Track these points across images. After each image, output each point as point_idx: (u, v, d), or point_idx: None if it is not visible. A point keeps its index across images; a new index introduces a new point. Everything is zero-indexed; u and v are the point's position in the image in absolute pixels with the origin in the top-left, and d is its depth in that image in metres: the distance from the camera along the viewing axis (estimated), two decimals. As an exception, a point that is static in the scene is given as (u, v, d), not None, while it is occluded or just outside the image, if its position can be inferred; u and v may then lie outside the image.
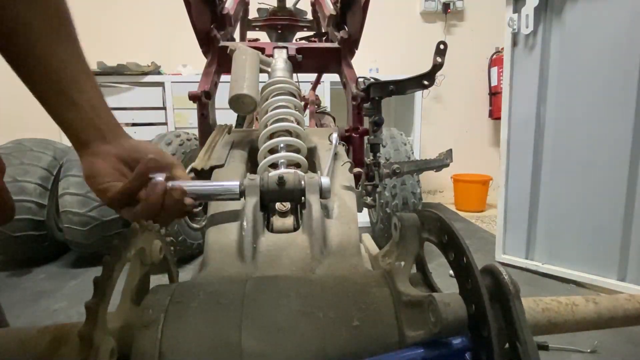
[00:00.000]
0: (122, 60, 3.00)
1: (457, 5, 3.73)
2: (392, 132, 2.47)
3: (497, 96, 3.68)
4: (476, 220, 3.31)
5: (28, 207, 2.11)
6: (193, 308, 0.35)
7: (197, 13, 0.95)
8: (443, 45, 0.83)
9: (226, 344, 0.33)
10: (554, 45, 1.99)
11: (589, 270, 1.97)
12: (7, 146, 2.25)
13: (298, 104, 0.78)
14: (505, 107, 2.16)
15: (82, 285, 2.03)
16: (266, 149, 0.68)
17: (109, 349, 0.30)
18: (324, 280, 0.39)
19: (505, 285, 0.31)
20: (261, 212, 0.52)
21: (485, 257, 2.37)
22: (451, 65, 3.38)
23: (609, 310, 0.38)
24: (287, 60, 0.97)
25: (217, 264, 0.46)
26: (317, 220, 0.50)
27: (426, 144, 3.68)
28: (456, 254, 0.35)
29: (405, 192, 2.22)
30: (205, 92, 0.93)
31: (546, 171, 2.08)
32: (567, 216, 2.01)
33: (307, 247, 0.49)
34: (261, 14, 1.73)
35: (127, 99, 3.09)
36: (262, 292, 0.37)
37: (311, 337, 0.34)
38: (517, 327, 0.30)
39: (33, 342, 0.33)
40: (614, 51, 1.80)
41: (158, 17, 3.54)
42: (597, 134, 1.87)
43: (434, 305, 0.31)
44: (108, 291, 0.30)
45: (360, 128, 0.95)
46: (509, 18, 2.07)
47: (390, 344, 0.34)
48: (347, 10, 1.16)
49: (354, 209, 0.57)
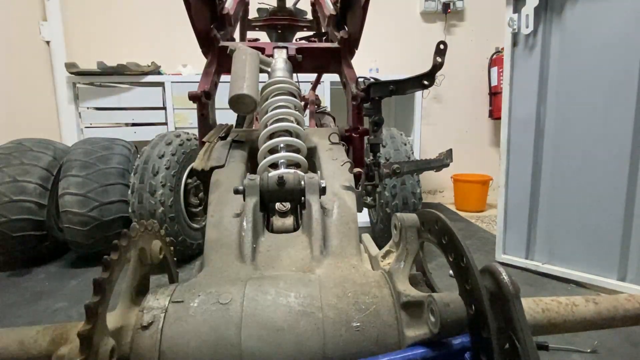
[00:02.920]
0: (122, 60, 3.00)
1: (457, 5, 3.73)
2: (392, 132, 2.46)
3: (497, 96, 3.69)
4: (476, 220, 3.31)
5: (28, 207, 2.11)
6: (193, 308, 0.35)
7: (197, 13, 0.95)
8: (443, 45, 0.83)
9: (226, 344, 0.33)
10: (554, 45, 1.99)
11: (589, 270, 1.97)
12: (7, 146, 2.25)
13: (298, 104, 0.78)
14: (505, 107, 2.16)
15: (82, 285, 2.03)
16: (266, 149, 0.68)
17: (109, 349, 0.30)
18: (323, 280, 0.39)
19: (504, 286, 0.31)
20: (261, 212, 0.52)
21: (485, 257, 2.37)
22: (451, 65, 3.39)
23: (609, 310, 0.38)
24: (287, 60, 0.97)
25: (217, 264, 0.46)
26: (317, 221, 0.50)
27: (426, 144, 3.69)
28: (456, 255, 0.35)
29: (405, 192, 2.22)
30: (205, 92, 0.93)
31: (546, 171, 2.08)
32: (567, 216, 2.01)
33: (307, 247, 0.49)
34: (261, 14, 1.72)
35: (127, 99, 3.09)
36: (262, 292, 0.37)
37: (311, 337, 0.33)
38: (517, 328, 0.30)
39: (33, 342, 0.33)
40: (614, 51, 1.80)
41: (158, 17, 3.54)
42: (597, 133, 1.87)
43: (433, 305, 0.31)
44: (108, 291, 0.30)
45: (360, 128, 0.95)
46: (509, 18, 2.07)
47: (390, 344, 0.34)
48: (347, 10, 1.16)
49: (354, 209, 0.57)
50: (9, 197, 2.07)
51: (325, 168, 0.68)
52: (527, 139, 2.11)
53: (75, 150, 2.22)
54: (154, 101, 3.11)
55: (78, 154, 2.19)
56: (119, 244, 0.33)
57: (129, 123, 3.16)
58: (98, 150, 2.23)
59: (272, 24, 1.56)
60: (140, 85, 3.13)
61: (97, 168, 2.15)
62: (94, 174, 2.13)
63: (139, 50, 3.49)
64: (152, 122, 3.13)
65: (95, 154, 2.20)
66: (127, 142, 2.42)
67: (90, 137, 2.42)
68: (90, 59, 3.03)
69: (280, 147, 0.69)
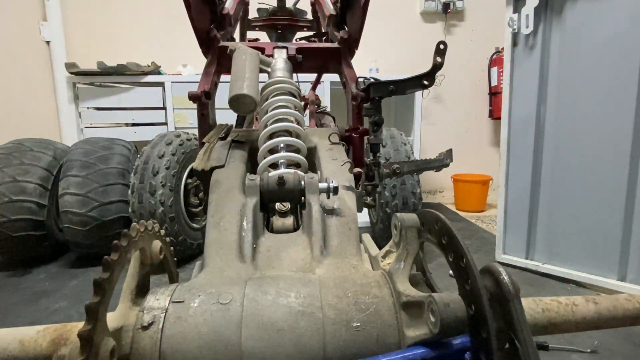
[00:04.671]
0: (122, 60, 3.00)
1: (457, 5, 3.73)
2: (392, 132, 2.47)
3: (497, 96, 3.69)
4: (476, 220, 3.31)
5: (28, 207, 2.10)
6: (193, 308, 0.35)
7: (197, 13, 0.95)
8: (443, 45, 0.83)
9: (226, 344, 0.33)
10: (554, 45, 1.99)
11: (589, 270, 1.97)
12: (7, 146, 2.25)
13: (298, 104, 0.78)
14: (505, 107, 2.16)
15: (82, 285, 2.03)
16: (266, 149, 0.68)
17: (109, 349, 0.30)
18: (324, 280, 0.39)
19: (504, 286, 0.31)
20: (261, 212, 0.52)
21: (485, 257, 2.37)
22: (451, 65, 3.39)
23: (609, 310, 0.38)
24: (287, 60, 0.97)
25: (217, 264, 0.46)
26: (317, 221, 0.50)
27: (426, 144, 3.68)
28: (456, 255, 0.35)
29: (405, 192, 2.22)
30: (205, 92, 0.93)
31: (546, 171, 2.08)
32: (567, 216, 2.01)
33: (307, 247, 0.49)
34: (261, 14, 1.72)
35: (127, 99, 3.09)
36: (262, 292, 0.37)
37: (311, 337, 0.33)
38: (517, 328, 0.30)
39: (33, 342, 0.33)
40: (614, 51, 1.80)
41: (158, 17, 3.54)
42: (597, 133, 1.87)
43: (433, 305, 0.31)
44: (108, 291, 0.30)
45: (360, 128, 0.95)
46: (509, 18, 2.07)
47: (390, 344, 0.34)
48: (347, 10, 1.15)
49: (354, 209, 0.57)
50: (9, 197, 2.07)
51: (325, 168, 0.68)
52: (527, 139, 2.11)
53: (75, 150, 2.22)
54: (154, 101, 3.11)
55: (78, 154, 2.19)
56: (119, 244, 0.33)
57: (129, 123, 3.16)
58: (98, 150, 2.23)
59: (272, 24, 1.56)
60: (140, 85, 3.13)
61: (97, 168, 2.15)
62: (94, 174, 2.13)
63: (139, 50, 3.49)
64: (152, 122, 3.13)
65: (95, 154, 2.20)
66: (127, 142, 2.42)
67: (90, 137, 2.42)
68: (90, 59, 3.03)
69: (280, 147, 0.69)
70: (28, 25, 3.15)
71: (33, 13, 3.20)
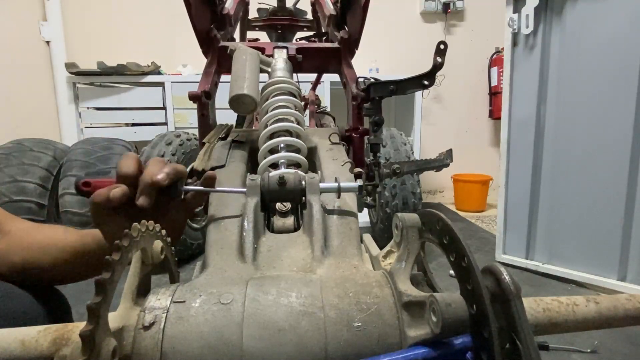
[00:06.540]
0: (122, 60, 3.00)
1: (457, 5, 3.73)
2: (392, 132, 2.47)
3: (497, 96, 3.69)
4: (476, 220, 3.31)
5: (28, 207, 2.10)
6: (194, 308, 0.35)
7: (197, 13, 0.95)
8: (443, 45, 0.83)
9: (227, 344, 0.33)
10: (554, 45, 1.99)
11: (589, 270, 1.97)
12: (7, 146, 2.25)
13: (298, 104, 0.78)
14: (505, 107, 2.16)
15: (82, 285, 2.03)
16: (266, 149, 0.68)
17: (111, 350, 0.30)
18: (324, 280, 0.39)
19: (506, 286, 0.31)
20: (262, 212, 0.52)
21: (485, 257, 2.37)
22: (451, 65, 3.39)
23: (609, 310, 0.38)
24: (287, 60, 0.97)
25: (218, 264, 0.46)
26: (318, 220, 0.50)
27: (426, 144, 3.68)
28: (457, 255, 0.35)
29: (405, 192, 2.22)
30: (205, 92, 0.93)
31: (546, 171, 2.08)
32: (567, 216, 2.01)
33: (307, 247, 0.49)
34: (261, 14, 1.72)
35: (127, 99, 3.09)
36: (263, 292, 0.37)
37: (312, 337, 0.33)
38: (518, 327, 0.30)
39: (34, 342, 0.33)
40: (614, 51, 1.80)
41: (158, 17, 3.54)
42: (597, 133, 1.88)
43: (435, 305, 0.31)
44: (110, 292, 0.30)
45: (360, 128, 0.95)
46: (509, 18, 2.07)
47: (392, 343, 0.34)
48: (347, 10, 1.15)
49: (354, 209, 0.57)
50: (9, 197, 2.07)
51: (325, 168, 0.68)
52: (527, 139, 2.11)
53: (75, 150, 2.22)
54: (154, 101, 3.11)
55: (78, 154, 2.19)
56: (120, 244, 0.33)
57: (129, 123, 3.16)
58: (98, 150, 2.23)
59: (272, 24, 1.56)
60: (140, 85, 3.12)
61: (97, 168, 2.15)
62: (94, 174, 2.12)
63: (139, 50, 3.49)
64: (152, 122, 3.13)
65: (95, 154, 2.20)
66: (127, 142, 2.42)
67: (90, 137, 2.42)
68: (90, 59, 3.03)
69: (280, 147, 0.68)
70: (28, 25, 3.15)
71: (33, 13, 3.20)
